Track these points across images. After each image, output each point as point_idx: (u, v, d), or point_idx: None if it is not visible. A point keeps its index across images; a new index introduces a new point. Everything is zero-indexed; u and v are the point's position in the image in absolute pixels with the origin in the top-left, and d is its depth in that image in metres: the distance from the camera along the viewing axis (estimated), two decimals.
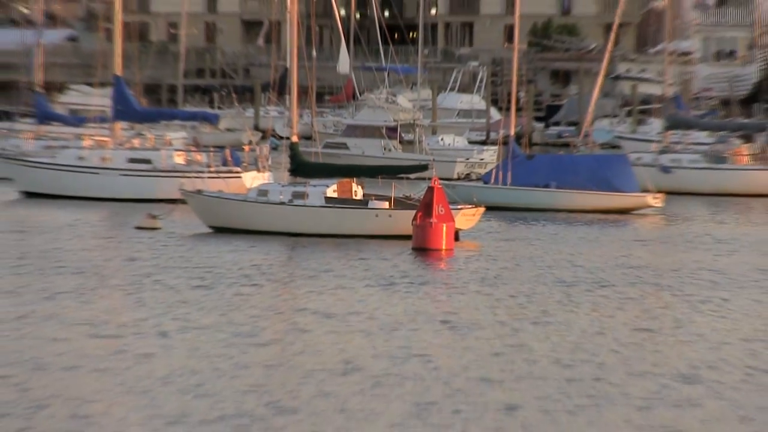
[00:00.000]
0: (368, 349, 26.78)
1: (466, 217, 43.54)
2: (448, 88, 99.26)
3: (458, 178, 55.61)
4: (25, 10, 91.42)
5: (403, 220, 42.00)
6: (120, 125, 59.86)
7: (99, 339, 27.74)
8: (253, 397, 22.50)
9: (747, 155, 65.97)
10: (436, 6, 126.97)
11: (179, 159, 56.77)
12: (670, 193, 56.78)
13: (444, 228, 40.59)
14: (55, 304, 31.30)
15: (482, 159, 63.80)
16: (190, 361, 25.01)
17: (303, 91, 56.97)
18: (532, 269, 38.00)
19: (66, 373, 24.03)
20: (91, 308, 31.03)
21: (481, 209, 45.42)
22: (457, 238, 41.39)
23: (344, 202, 44.90)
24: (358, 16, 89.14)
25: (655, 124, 78.07)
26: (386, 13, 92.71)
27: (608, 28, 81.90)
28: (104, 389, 22.83)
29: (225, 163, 54.94)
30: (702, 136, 71.95)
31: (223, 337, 27.48)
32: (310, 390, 23.02)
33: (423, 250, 40.21)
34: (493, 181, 54.16)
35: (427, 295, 33.73)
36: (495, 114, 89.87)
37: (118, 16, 64.19)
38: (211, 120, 72.75)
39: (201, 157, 57.10)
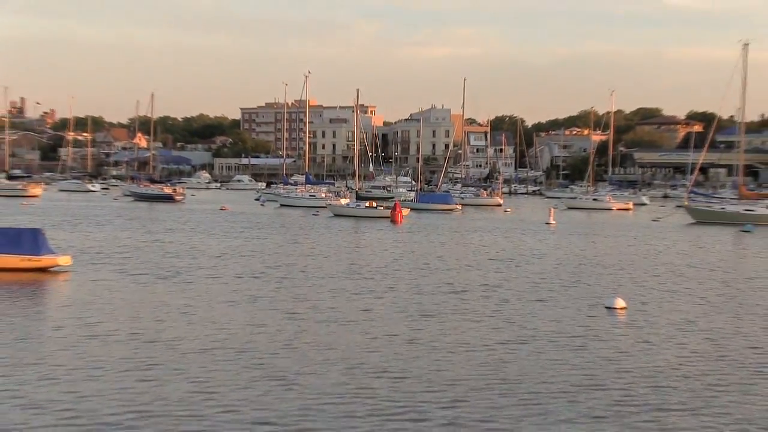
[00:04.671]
0: (378, 244, 25.56)
1: (405, 211, 41.85)
2: (401, 175, 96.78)
3: (403, 200, 53.14)
4: (280, 152, 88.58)
5: (388, 212, 40.41)
6: (306, 185, 57.60)
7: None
8: (351, 261, 20.68)
9: (486, 194, 63.66)
10: (398, 151, 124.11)
11: (323, 195, 54.60)
12: (463, 205, 54.69)
13: (399, 214, 39.16)
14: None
15: (410, 196, 61.39)
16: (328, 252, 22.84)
17: (359, 176, 54.91)
18: (427, 225, 36.37)
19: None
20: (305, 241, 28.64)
21: (409, 209, 43.83)
22: (402, 218, 39.43)
23: (371, 207, 43.02)
24: (375, 154, 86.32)
25: (459, 186, 74.90)
26: (383, 153, 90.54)
27: (446, 158, 79.58)
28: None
29: (336, 196, 52.78)
30: (472, 189, 69.55)
31: (341, 245, 25.38)
32: (369, 252, 21.50)
33: (393, 221, 38.57)
34: (413, 201, 52.00)
35: (395, 233, 32.16)
36: (414, 183, 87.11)
37: (307, 155, 62.90)
38: (333, 184, 70.51)
39: (330, 194, 54.90)
